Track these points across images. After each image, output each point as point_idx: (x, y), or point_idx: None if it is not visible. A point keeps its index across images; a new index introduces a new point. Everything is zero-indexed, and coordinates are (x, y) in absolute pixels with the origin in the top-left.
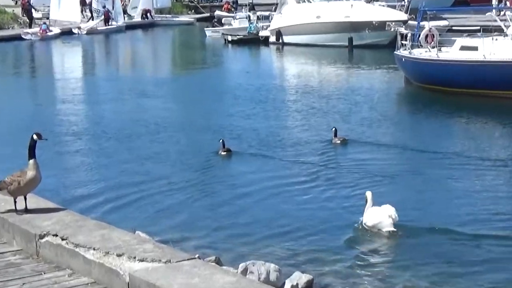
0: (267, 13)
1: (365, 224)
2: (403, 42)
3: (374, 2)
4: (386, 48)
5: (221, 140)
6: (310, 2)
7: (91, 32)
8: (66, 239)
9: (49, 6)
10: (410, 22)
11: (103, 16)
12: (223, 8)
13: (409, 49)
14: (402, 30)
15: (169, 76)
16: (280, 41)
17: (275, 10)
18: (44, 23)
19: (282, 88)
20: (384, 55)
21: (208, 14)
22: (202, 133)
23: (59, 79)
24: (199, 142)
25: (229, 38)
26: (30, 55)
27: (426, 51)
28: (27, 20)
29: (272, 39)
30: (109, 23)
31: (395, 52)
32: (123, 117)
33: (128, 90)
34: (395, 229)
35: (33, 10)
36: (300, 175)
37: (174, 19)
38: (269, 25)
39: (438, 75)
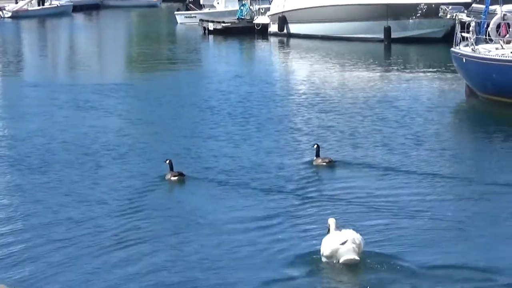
0: None
1: (322, 254)
2: (465, 34)
3: None
4: (440, 42)
5: (167, 161)
6: None
7: (18, 15)
8: None
9: None
10: (474, 5)
11: None
12: None
13: (472, 44)
14: (463, 17)
15: (120, 81)
16: (285, 31)
17: None
18: None
19: (283, 99)
20: (436, 52)
21: None
22: (152, 156)
23: None
24: (144, 166)
25: (210, 26)
26: None
27: (497, 48)
28: None
29: (273, 28)
30: (46, 2)
31: (452, 49)
32: (48, 138)
33: (61, 100)
34: (357, 258)
35: None
36: (262, 207)
37: None
38: (268, 8)
39: None
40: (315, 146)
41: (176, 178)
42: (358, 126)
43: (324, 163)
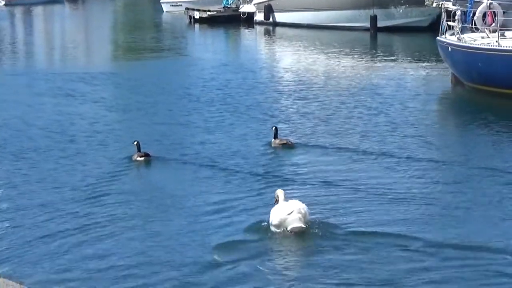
0: None
1: (271, 223)
2: (450, 23)
3: None
4: (425, 31)
5: (135, 142)
6: None
7: (11, 3)
8: None
9: None
10: None
11: None
12: None
13: (458, 33)
14: (449, 5)
15: (104, 69)
16: (271, 20)
17: None
18: None
19: (264, 86)
20: (422, 41)
21: None
22: (126, 140)
23: None
24: (117, 150)
25: (196, 15)
26: None
27: (483, 37)
28: None
29: (259, 17)
30: None
31: (438, 37)
32: (26, 125)
33: (42, 88)
34: (303, 226)
35: None
36: (220, 185)
37: None
38: None
39: (500, 72)
40: (273, 128)
41: (142, 158)
42: (337, 112)
43: (280, 145)
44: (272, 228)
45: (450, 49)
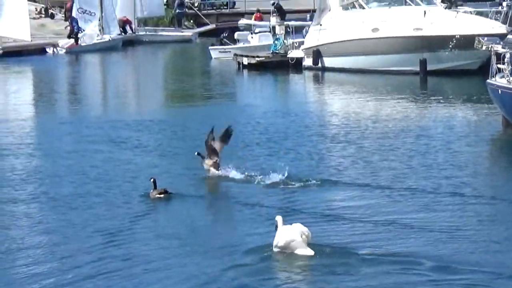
0: (300, 24)
1: (276, 246)
2: (500, 66)
3: (458, 7)
4: (475, 74)
5: (152, 179)
6: (363, 8)
7: (71, 51)
8: None
9: None
10: (510, 37)
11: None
12: (253, 17)
13: (508, 76)
14: (499, 48)
15: (154, 116)
16: (319, 65)
17: (311, 20)
18: None
19: (312, 130)
20: (472, 84)
21: (213, 26)
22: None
23: None
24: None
25: (245, 61)
26: None
27: None
28: None
29: (308, 62)
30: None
31: (487, 80)
32: (78, 174)
33: (94, 136)
34: (311, 251)
35: None
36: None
37: (164, 33)
38: (303, 42)
39: None
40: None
41: (161, 196)
42: (386, 153)
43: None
44: (276, 250)
45: (500, 92)
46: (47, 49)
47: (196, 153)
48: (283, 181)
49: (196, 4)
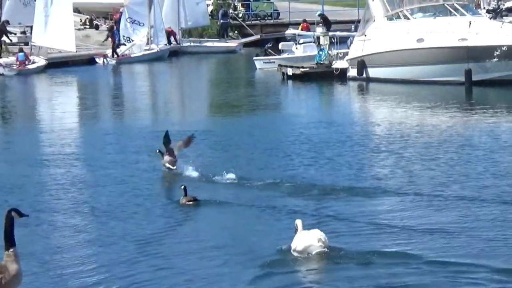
0: (344, 34)
1: (294, 249)
2: None
3: (503, 17)
4: None
5: (182, 187)
6: (408, 19)
7: (121, 61)
8: None
9: (27, 26)
10: None
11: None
12: (300, 27)
13: None
14: None
15: (199, 127)
16: (364, 75)
17: (355, 30)
18: (21, 50)
19: (355, 141)
20: None
21: (258, 37)
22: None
23: (42, 131)
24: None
25: (289, 71)
26: (2, 96)
27: None
28: None
29: (352, 72)
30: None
31: None
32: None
33: (138, 146)
34: (326, 250)
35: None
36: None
37: (209, 44)
38: (347, 53)
39: None
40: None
41: (191, 203)
42: (427, 163)
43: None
44: (294, 253)
45: None
46: (97, 60)
47: (157, 151)
48: (314, 188)
49: (240, 15)
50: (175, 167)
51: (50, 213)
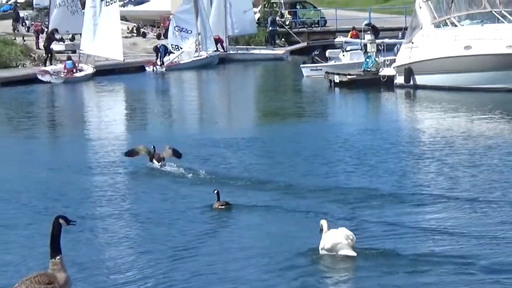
0: (391, 41)
1: (322, 248)
2: None
3: None
4: None
5: (215, 191)
6: (456, 26)
7: (171, 68)
8: None
9: (76, 34)
10: None
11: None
12: (349, 35)
13: None
14: None
15: (246, 135)
16: (411, 83)
17: (403, 37)
18: (69, 58)
19: (402, 149)
20: None
21: (305, 44)
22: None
23: (89, 139)
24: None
25: (336, 78)
26: (49, 104)
27: None
28: (44, 55)
29: (399, 80)
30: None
31: None
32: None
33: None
34: (353, 252)
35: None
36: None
37: (256, 51)
38: (394, 60)
39: None
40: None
41: (223, 207)
42: (470, 170)
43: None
44: (322, 252)
45: None
46: (147, 67)
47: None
48: (353, 194)
49: (287, 23)
50: (159, 164)
51: (92, 219)
